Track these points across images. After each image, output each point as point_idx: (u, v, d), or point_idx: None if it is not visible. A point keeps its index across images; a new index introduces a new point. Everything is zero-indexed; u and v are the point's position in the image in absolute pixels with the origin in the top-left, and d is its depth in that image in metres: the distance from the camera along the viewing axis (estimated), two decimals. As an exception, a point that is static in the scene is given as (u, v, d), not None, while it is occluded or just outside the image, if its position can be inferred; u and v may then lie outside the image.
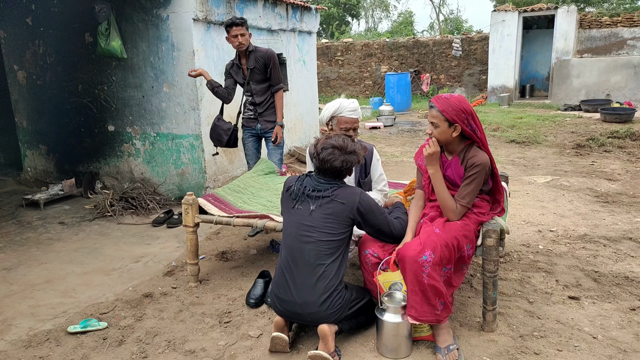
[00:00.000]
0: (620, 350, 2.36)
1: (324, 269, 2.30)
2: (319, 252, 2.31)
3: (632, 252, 3.52)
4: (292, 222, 2.42)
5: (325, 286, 2.28)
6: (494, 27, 12.76)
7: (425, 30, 29.83)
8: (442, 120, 2.44)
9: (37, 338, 2.64)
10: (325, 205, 2.36)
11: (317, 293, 2.28)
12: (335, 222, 2.34)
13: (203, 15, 4.77)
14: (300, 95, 7.16)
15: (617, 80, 11.52)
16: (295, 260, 2.35)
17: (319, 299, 2.27)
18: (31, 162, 6.21)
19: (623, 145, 7.09)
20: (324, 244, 2.32)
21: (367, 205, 2.38)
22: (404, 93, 13.04)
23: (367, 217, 2.39)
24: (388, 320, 2.34)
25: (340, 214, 2.35)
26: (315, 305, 2.28)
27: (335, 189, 2.39)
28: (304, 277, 2.31)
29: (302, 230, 2.36)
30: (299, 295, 2.30)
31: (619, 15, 12.33)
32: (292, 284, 2.33)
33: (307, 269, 2.31)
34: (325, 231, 2.33)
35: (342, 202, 2.35)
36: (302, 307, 2.29)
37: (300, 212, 2.39)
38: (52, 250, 3.99)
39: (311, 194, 2.39)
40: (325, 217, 2.34)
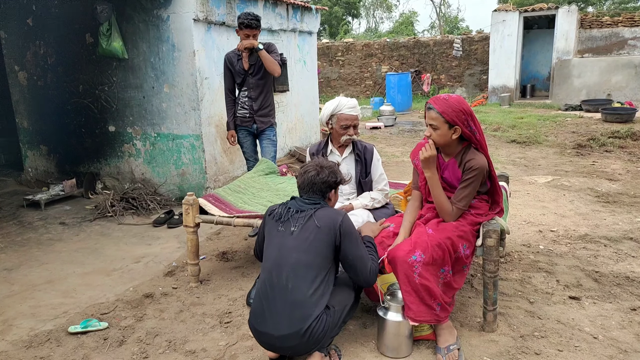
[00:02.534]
0: (620, 350, 2.36)
1: (301, 295, 2.12)
2: (297, 276, 2.15)
3: (632, 252, 3.51)
4: (273, 244, 2.29)
5: (302, 315, 2.09)
6: (495, 27, 12.75)
7: (426, 30, 29.84)
8: (442, 122, 2.39)
9: (37, 338, 2.64)
10: (306, 225, 2.23)
11: (294, 324, 2.09)
12: (316, 242, 2.19)
13: (203, 16, 4.77)
14: (300, 95, 7.16)
15: (618, 80, 11.50)
16: (272, 285, 2.18)
17: (298, 330, 2.08)
18: (32, 163, 6.22)
19: (624, 145, 7.09)
20: (302, 267, 2.16)
21: (349, 228, 2.26)
22: (405, 93, 13.04)
23: (345, 241, 2.23)
24: (390, 319, 2.35)
25: (322, 235, 2.20)
26: (295, 337, 2.09)
27: (318, 209, 2.28)
28: (280, 306, 2.13)
29: (281, 251, 2.23)
30: (275, 327, 2.12)
31: (619, 15, 12.32)
32: (268, 314, 2.15)
33: (283, 295, 2.13)
34: (305, 253, 2.18)
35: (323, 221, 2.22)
36: (280, 341, 2.12)
37: (281, 233, 2.27)
38: (52, 251, 3.99)
39: (294, 215, 2.28)
40: (305, 238, 2.20)
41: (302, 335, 2.08)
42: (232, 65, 4.15)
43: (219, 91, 5.07)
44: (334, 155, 3.05)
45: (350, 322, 2.69)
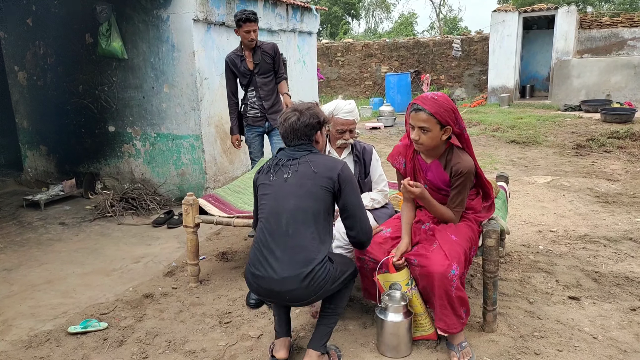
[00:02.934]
0: (620, 350, 2.36)
1: (303, 240, 2.09)
2: (296, 221, 2.11)
3: (632, 252, 3.51)
4: (267, 194, 2.22)
5: (305, 259, 2.06)
6: (494, 28, 12.76)
7: (426, 31, 29.85)
8: (435, 123, 2.25)
9: (37, 338, 2.64)
10: (301, 171, 2.18)
11: (296, 266, 2.05)
12: (313, 189, 2.14)
13: (203, 16, 4.77)
14: (300, 95, 7.15)
15: (617, 81, 11.51)
16: (272, 232, 2.13)
17: (300, 274, 2.04)
18: (32, 163, 6.22)
19: (623, 146, 7.09)
20: (301, 212, 2.11)
21: (349, 176, 2.21)
22: (404, 93, 13.05)
23: (346, 189, 2.18)
24: (389, 319, 2.34)
25: (319, 181, 2.15)
26: (295, 281, 2.04)
27: (311, 154, 2.24)
28: (282, 250, 2.09)
29: (278, 199, 2.17)
30: (277, 270, 2.07)
31: (619, 16, 12.33)
32: (270, 258, 2.10)
33: (285, 240, 2.10)
34: (303, 197, 2.13)
35: (320, 168, 2.17)
36: (281, 284, 2.06)
37: (275, 182, 2.21)
38: (52, 251, 3.99)
39: (286, 163, 2.23)
40: (301, 183, 2.15)
41: (303, 279, 2.04)
42: (236, 67, 4.08)
43: (218, 91, 5.07)
44: (334, 156, 3.04)
45: (350, 322, 2.69)
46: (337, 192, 2.17)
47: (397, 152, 2.57)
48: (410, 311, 2.39)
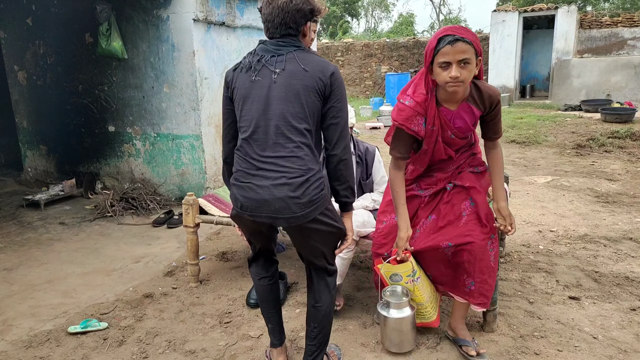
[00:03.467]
0: (620, 350, 2.36)
1: (295, 147, 1.81)
2: (287, 129, 1.81)
3: (632, 252, 3.51)
4: (250, 99, 1.87)
5: (299, 167, 1.80)
6: (494, 27, 12.76)
7: (426, 31, 29.85)
8: (473, 53, 1.98)
9: (37, 338, 2.64)
10: (289, 70, 1.83)
11: (289, 174, 1.80)
12: (302, 90, 1.82)
13: (203, 16, 4.77)
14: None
15: (617, 81, 11.51)
16: (258, 140, 1.85)
17: (292, 182, 1.79)
18: (31, 163, 6.22)
19: (623, 146, 7.09)
20: (290, 119, 1.81)
21: (341, 80, 1.89)
22: (404, 93, 13.04)
23: (336, 92, 1.86)
24: (391, 316, 2.33)
25: (310, 81, 1.82)
26: (287, 189, 1.78)
27: (298, 50, 1.88)
28: (271, 159, 1.82)
29: (264, 104, 1.84)
30: (266, 178, 1.82)
31: (619, 16, 12.33)
32: (258, 164, 1.84)
33: (275, 148, 1.82)
34: (292, 101, 1.82)
35: (311, 66, 1.83)
36: (269, 192, 1.80)
37: (259, 84, 1.85)
38: (52, 251, 3.99)
39: (270, 60, 1.85)
40: (289, 85, 1.82)
41: (296, 188, 1.78)
42: None
43: (218, 91, 5.07)
44: None
45: (349, 322, 2.69)
46: (327, 95, 1.85)
47: (411, 114, 2.16)
48: (412, 306, 2.37)
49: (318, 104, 1.84)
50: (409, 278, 2.36)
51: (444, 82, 2.02)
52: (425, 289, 2.40)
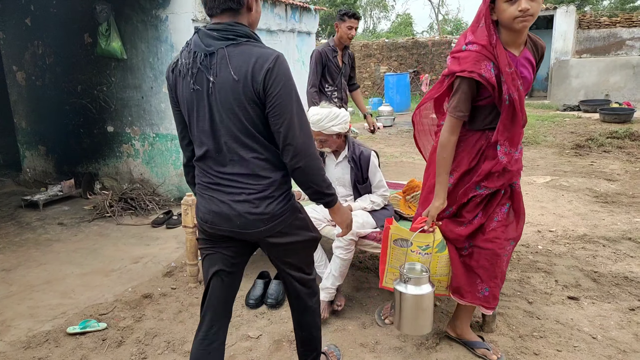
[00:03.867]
0: (619, 350, 2.37)
1: (252, 163, 1.63)
2: (236, 144, 1.62)
3: (631, 252, 3.52)
4: (193, 111, 1.65)
5: (257, 184, 1.64)
6: (493, 28, 12.75)
7: (425, 31, 29.87)
8: None
9: (36, 339, 2.63)
10: (221, 79, 1.56)
11: (248, 190, 1.64)
12: (238, 104, 1.57)
13: (202, 16, 4.77)
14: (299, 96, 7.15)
15: (616, 81, 11.53)
16: (212, 158, 1.67)
17: (253, 200, 1.64)
18: (30, 163, 6.21)
19: (622, 146, 7.10)
20: (238, 132, 1.60)
21: (280, 78, 1.55)
22: (403, 93, 13.05)
23: (272, 97, 1.55)
24: (409, 292, 2.11)
25: (241, 91, 1.54)
26: (248, 205, 1.64)
27: (230, 45, 1.56)
28: (229, 175, 1.66)
29: (208, 121, 1.62)
30: (226, 193, 1.67)
31: (617, 16, 12.35)
32: (217, 179, 1.68)
33: (232, 165, 1.65)
34: (231, 117, 1.58)
35: (240, 69, 1.53)
36: (230, 208, 1.65)
37: (200, 94, 1.60)
38: (51, 251, 3.98)
39: (204, 61, 1.57)
40: (225, 100, 1.57)
41: (258, 204, 1.64)
42: (329, 61, 3.85)
43: (217, 91, 5.07)
44: (329, 158, 3.02)
45: (349, 322, 2.69)
46: (264, 99, 1.57)
47: (478, 58, 1.91)
48: (432, 283, 2.17)
49: (260, 112, 1.59)
50: (419, 249, 2.21)
51: (512, 17, 1.81)
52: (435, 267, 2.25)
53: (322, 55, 3.87)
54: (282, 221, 1.71)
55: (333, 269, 2.74)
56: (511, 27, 1.87)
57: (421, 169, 4.50)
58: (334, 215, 1.83)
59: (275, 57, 1.55)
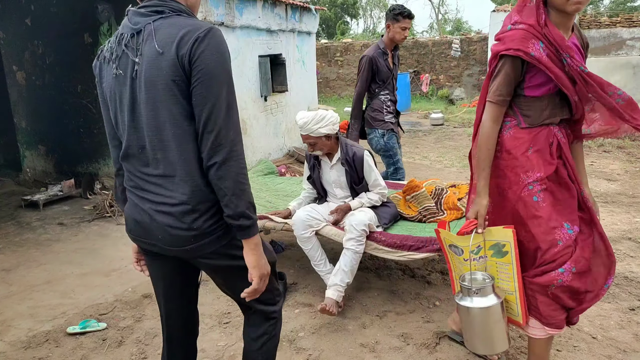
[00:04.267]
0: (619, 350, 2.37)
1: (178, 164, 1.34)
2: (160, 140, 1.34)
3: (631, 252, 3.51)
4: (114, 100, 1.43)
5: (182, 193, 1.34)
6: (493, 28, 12.77)
7: (425, 31, 29.86)
8: None
9: (36, 339, 2.64)
10: (147, 56, 1.31)
11: (171, 199, 1.35)
12: (162, 83, 1.30)
13: (202, 16, 4.77)
14: (299, 96, 7.16)
15: (616, 81, 11.52)
16: (135, 156, 1.42)
17: (175, 211, 1.35)
18: (30, 163, 6.20)
19: (622, 146, 7.10)
20: (163, 125, 1.33)
21: (212, 52, 1.29)
22: (404, 93, 13.03)
23: (198, 74, 1.27)
24: (476, 305, 1.87)
25: (166, 65, 1.28)
26: (170, 218, 1.36)
27: (159, 18, 1.33)
28: (154, 177, 1.39)
29: (130, 112, 1.37)
30: (149, 201, 1.40)
31: (617, 16, 12.35)
32: (141, 182, 1.42)
33: (155, 164, 1.38)
34: (157, 105, 1.32)
35: (166, 40, 1.29)
36: (151, 218, 1.39)
37: (122, 80, 1.37)
38: (51, 251, 3.98)
39: (130, 41, 1.35)
40: (149, 82, 1.31)
41: (181, 218, 1.35)
42: (378, 66, 3.73)
43: (217, 91, 5.07)
44: (324, 162, 3.01)
45: (349, 323, 2.69)
46: (189, 77, 1.29)
47: (525, 36, 1.75)
48: (499, 294, 1.91)
49: (188, 93, 1.31)
50: (472, 255, 1.97)
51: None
52: (495, 274, 1.97)
53: (373, 61, 3.72)
54: (215, 241, 1.39)
55: (343, 264, 2.71)
56: (564, 8, 1.71)
57: (420, 169, 4.50)
58: (248, 253, 1.37)
59: (208, 28, 1.32)
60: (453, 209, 3.06)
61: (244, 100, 5.71)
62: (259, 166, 4.19)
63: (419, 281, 3.17)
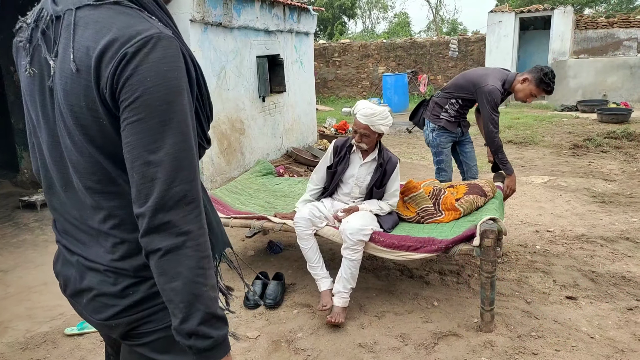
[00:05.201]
0: (617, 350, 2.37)
1: (107, 213, 0.97)
2: (85, 181, 0.96)
3: (629, 252, 3.52)
4: (30, 115, 1.04)
5: (111, 250, 0.98)
6: (491, 28, 12.79)
7: (423, 31, 29.89)
8: None
9: (34, 340, 2.63)
10: (60, 65, 0.91)
11: (100, 251, 0.99)
12: (83, 102, 0.89)
13: (200, 17, 4.76)
14: (297, 96, 7.16)
15: (613, 81, 11.55)
16: (58, 194, 1.05)
17: (106, 266, 0.98)
18: (28, 164, 6.18)
19: (620, 146, 7.11)
20: (75, 162, 0.95)
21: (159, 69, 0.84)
22: (402, 94, 13.06)
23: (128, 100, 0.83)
24: None
25: (81, 85, 0.88)
26: (99, 277, 0.99)
27: (84, 6, 0.90)
28: (78, 222, 1.03)
29: (51, 135, 0.98)
30: (72, 253, 1.05)
31: (614, 17, 12.39)
32: (66, 225, 1.06)
33: (82, 208, 1.01)
34: (77, 134, 0.92)
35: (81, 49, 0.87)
36: (79, 275, 1.03)
37: (38, 84, 0.98)
38: (48, 252, 3.97)
39: (48, 29, 0.94)
40: (65, 101, 0.91)
41: (113, 280, 0.98)
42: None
43: (215, 92, 5.06)
44: (355, 156, 2.96)
45: (348, 323, 2.69)
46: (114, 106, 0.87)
47: None
48: None
49: (115, 130, 0.89)
50: None
51: None
52: None
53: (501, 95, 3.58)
54: (149, 317, 0.99)
55: (343, 272, 2.71)
56: None
57: (418, 170, 4.49)
58: None
59: (146, 37, 0.84)
60: (451, 209, 3.07)
61: (242, 100, 5.70)
62: (257, 167, 4.18)
63: (417, 281, 3.17)
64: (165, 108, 0.84)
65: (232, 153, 5.42)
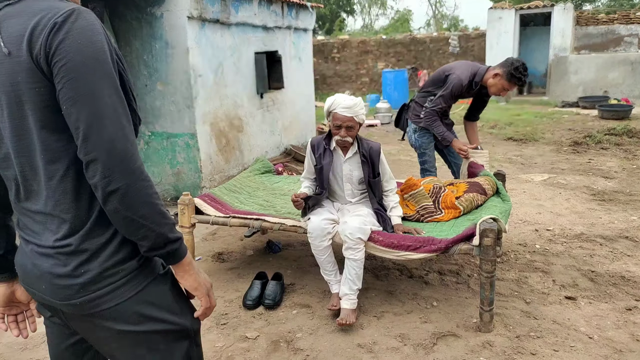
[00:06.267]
0: (616, 350, 2.37)
1: (59, 194, 1.04)
2: (31, 163, 1.05)
3: (628, 251, 3.52)
4: None
5: (65, 233, 1.05)
6: (491, 24, 12.74)
7: (422, 28, 29.79)
8: None
9: (33, 340, 2.62)
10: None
11: (51, 235, 1.07)
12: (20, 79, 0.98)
13: (197, 13, 4.74)
14: (296, 93, 7.13)
15: (614, 77, 11.52)
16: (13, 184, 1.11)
17: (57, 254, 1.06)
18: None
19: (620, 143, 7.10)
20: (34, 140, 1.02)
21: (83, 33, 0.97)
22: (401, 90, 13.02)
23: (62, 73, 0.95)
24: None
25: (17, 71, 0.97)
26: (51, 262, 1.06)
27: (10, 4, 1.00)
28: (31, 213, 1.10)
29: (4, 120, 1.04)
30: (28, 242, 1.12)
31: (615, 13, 12.35)
32: (21, 217, 1.14)
33: (31, 197, 1.10)
34: (19, 117, 1.01)
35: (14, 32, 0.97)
36: (32, 263, 1.10)
37: None
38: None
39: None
40: (5, 89, 1.00)
41: (66, 261, 1.05)
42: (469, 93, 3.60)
43: (213, 89, 5.04)
44: (337, 154, 2.88)
45: (346, 323, 2.68)
46: (49, 72, 0.96)
47: None
48: None
49: (54, 100, 0.98)
50: None
51: None
52: None
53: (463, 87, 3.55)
54: (116, 291, 1.07)
55: (347, 273, 2.67)
56: None
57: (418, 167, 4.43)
58: (182, 276, 1.14)
59: (69, 9, 0.97)
60: (451, 207, 3.05)
61: (240, 97, 5.68)
62: (256, 165, 4.17)
63: (416, 281, 3.16)
64: (94, 64, 0.98)
65: (231, 151, 5.40)
